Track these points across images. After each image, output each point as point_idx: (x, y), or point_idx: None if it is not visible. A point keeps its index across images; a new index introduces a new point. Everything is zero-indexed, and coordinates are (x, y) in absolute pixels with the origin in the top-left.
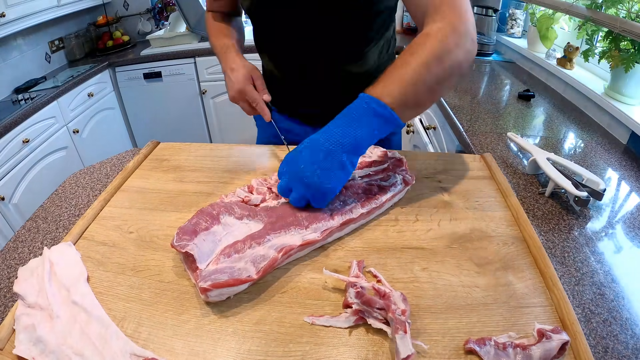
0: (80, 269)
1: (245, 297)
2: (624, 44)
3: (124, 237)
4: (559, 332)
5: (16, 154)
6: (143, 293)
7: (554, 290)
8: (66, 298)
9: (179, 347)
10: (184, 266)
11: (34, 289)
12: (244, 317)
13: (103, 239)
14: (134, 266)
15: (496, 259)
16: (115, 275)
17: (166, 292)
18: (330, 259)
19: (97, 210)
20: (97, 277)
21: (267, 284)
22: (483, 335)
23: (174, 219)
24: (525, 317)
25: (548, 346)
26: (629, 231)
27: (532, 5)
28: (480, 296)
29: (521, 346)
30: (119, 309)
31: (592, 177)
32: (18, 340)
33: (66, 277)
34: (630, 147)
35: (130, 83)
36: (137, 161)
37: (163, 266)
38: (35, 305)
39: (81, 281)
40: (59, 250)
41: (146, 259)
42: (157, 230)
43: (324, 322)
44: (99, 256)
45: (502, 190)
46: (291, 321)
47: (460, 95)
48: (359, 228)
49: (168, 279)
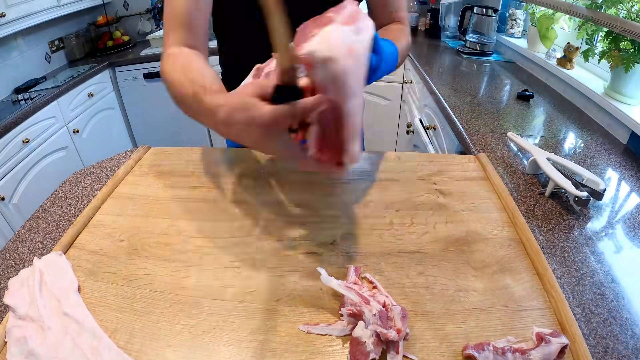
0: (70, 279)
1: (240, 306)
2: (624, 44)
3: (115, 246)
4: (558, 336)
5: (16, 154)
6: (135, 303)
7: (551, 292)
8: (57, 309)
9: (172, 358)
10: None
11: (24, 301)
12: (238, 326)
13: (94, 248)
14: (126, 275)
15: (493, 261)
16: (107, 285)
17: (158, 302)
18: (326, 265)
19: (88, 218)
20: (88, 287)
21: (260, 291)
22: (481, 340)
23: (165, 226)
24: (524, 321)
25: (547, 350)
26: (629, 231)
27: (532, 5)
28: (477, 300)
29: (520, 350)
30: (111, 320)
31: (592, 177)
32: (10, 354)
33: (57, 287)
34: (630, 147)
35: (130, 83)
36: (127, 167)
37: (155, 275)
38: (26, 316)
39: (72, 292)
40: (49, 260)
41: (138, 267)
42: (149, 238)
43: (320, 330)
44: (90, 265)
45: (497, 192)
46: (286, 330)
47: (460, 95)
48: (354, 232)
49: (160, 289)
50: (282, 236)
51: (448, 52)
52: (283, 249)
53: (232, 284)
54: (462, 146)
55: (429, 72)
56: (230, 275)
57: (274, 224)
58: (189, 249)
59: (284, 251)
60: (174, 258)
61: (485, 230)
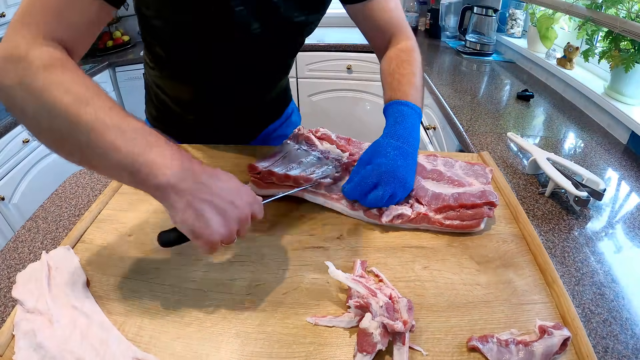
0: (79, 273)
1: (247, 299)
2: (624, 43)
3: (123, 240)
4: (560, 328)
5: (16, 154)
6: (144, 296)
7: (553, 286)
8: (66, 303)
9: (181, 350)
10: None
11: (32, 294)
12: (247, 319)
13: (101, 243)
14: (134, 269)
15: (496, 256)
16: (115, 278)
17: (167, 295)
18: (332, 259)
19: (95, 213)
20: (96, 281)
21: (269, 285)
22: (485, 332)
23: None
24: (527, 314)
25: (550, 342)
26: (629, 231)
27: (532, 5)
28: (481, 294)
29: (523, 343)
30: (120, 313)
31: (592, 177)
32: (18, 347)
33: (65, 281)
34: (630, 147)
35: (130, 83)
36: None
37: (163, 269)
38: (34, 310)
39: (80, 285)
40: (58, 255)
41: (145, 262)
42: (156, 232)
43: (327, 322)
44: (98, 260)
45: (500, 189)
46: (294, 322)
47: (460, 95)
48: (359, 227)
49: (168, 282)
50: (288, 230)
51: (448, 52)
52: (290, 243)
53: (239, 277)
54: (462, 146)
55: (429, 72)
56: (237, 269)
57: (281, 218)
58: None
59: (290, 245)
60: (181, 252)
61: (488, 225)
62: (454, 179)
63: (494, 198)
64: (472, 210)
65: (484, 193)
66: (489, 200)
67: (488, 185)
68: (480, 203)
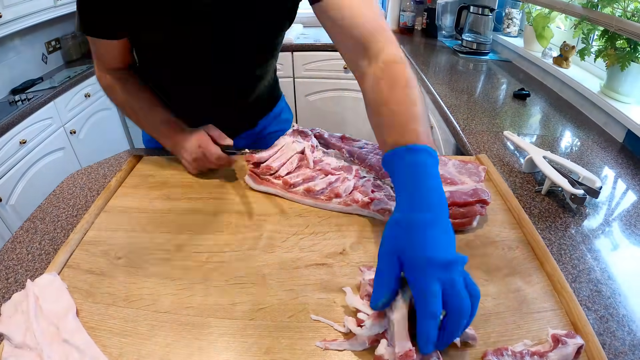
0: (68, 301)
1: (251, 324)
2: (620, 42)
3: (112, 264)
4: (573, 337)
5: (13, 155)
6: (139, 326)
7: (562, 293)
8: (56, 336)
9: None
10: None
11: (19, 328)
12: (252, 346)
13: (90, 267)
14: (126, 296)
15: (503, 264)
16: (107, 307)
17: (164, 324)
18: (337, 276)
19: (81, 235)
20: (86, 310)
21: (271, 308)
22: (499, 345)
23: (163, 241)
24: (538, 323)
25: (564, 352)
26: (625, 228)
27: (528, 5)
28: (492, 305)
29: (538, 354)
30: (115, 345)
31: (589, 175)
32: None
33: (54, 312)
34: (626, 145)
35: None
36: (119, 178)
37: (158, 294)
38: (23, 345)
39: (70, 316)
40: (44, 283)
41: (138, 287)
42: (148, 254)
43: (338, 346)
44: (87, 286)
45: (500, 192)
46: (302, 347)
47: (456, 94)
48: (361, 241)
49: (165, 309)
50: (288, 248)
51: (444, 51)
52: (291, 262)
53: (240, 300)
54: (459, 145)
55: (425, 71)
56: (238, 292)
57: (279, 235)
58: (192, 265)
59: (292, 263)
60: (176, 275)
61: (492, 232)
62: (446, 177)
63: (486, 196)
64: (464, 208)
65: (477, 191)
66: (481, 198)
67: (481, 183)
68: (473, 201)
